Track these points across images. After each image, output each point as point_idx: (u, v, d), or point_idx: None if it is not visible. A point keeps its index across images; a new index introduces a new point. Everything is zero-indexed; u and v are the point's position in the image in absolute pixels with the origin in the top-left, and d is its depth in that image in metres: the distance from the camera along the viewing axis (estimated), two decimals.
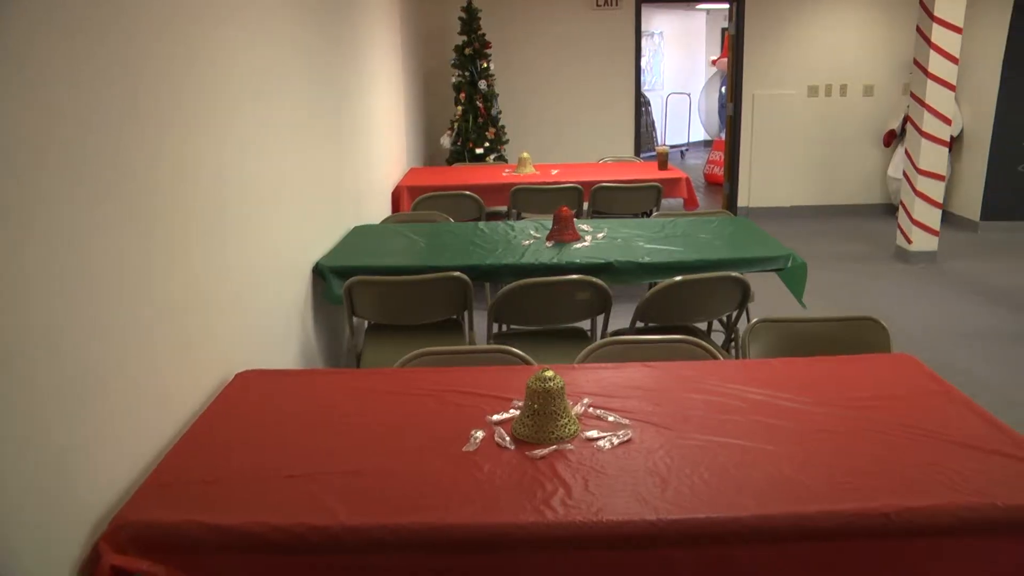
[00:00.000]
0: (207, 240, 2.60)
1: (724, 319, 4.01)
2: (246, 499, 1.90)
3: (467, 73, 7.97)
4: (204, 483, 1.98)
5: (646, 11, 10.54)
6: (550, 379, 2.16)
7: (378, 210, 5.64)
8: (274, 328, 3.31)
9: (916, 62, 7.40)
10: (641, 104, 9.73)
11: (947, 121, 7.37)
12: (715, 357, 2.87)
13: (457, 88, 8.00)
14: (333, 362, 4.22)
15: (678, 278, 3.58)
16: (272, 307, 3.28)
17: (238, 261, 2.87)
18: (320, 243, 4.06)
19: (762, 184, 9.55)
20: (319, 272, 3.88)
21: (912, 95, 7.52)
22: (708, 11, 15.56)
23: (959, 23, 7.08)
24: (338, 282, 3.78)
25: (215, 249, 2.66)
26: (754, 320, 3.05)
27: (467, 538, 1.81)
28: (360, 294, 3.70)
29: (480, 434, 2.19)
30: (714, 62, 14.29)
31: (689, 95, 15.47)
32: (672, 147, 14.96)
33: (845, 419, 2.29)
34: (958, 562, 1.89)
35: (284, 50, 3.50)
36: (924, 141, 7.39)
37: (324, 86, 4.20)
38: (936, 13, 7.05)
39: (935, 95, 7.28)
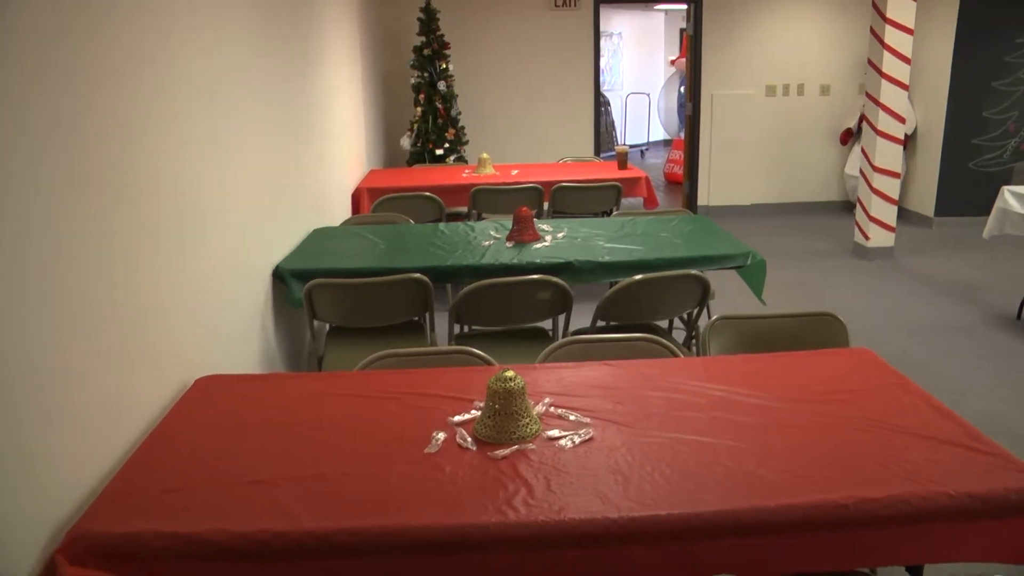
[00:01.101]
0: (166, 245, 2.56)
1: (685, 317, 4.04)
2: (207, 506, 1.88)
3: (426, 74, 7.95)
4: (164, 491, 1.95)
5: (604, 11, 10.57)
6: (511, 379, 2.16)
7: (338, 212, 5.62)
8: (234, 333, 3.28)
9: (870, 62, 7.53)
10: (600, 104, 9.77)
11: (901, 120, 7.50)
12: (675, 354, 2.89)
13: (416, 89, 7.98)
14: (294, 366, 4.19)
15: (638, 277, 3.59)
16: (232, 312, 3.25)
17: (197, 266, 2.84)
18: (280, 246, 4.03)
19: (722, 183, 9.63)
20: (279, 275, 3.85)
21: (867, 94, 7.65)
22: (666, 12, 15.66)
23: (910, 24, 7.24)
24: (298, 285, 3.75)
25: (174, 254, 2.63)
26: (714, 317, 3.07)
27: (430, 540, 1.80)
28: (320, 297, 3.68)
29: (441, 435, 2.19)
30: (673, 62, 14.37)
31: (648, 95, 15.55)
32: (632, 147, 15.03)
33: (804, 413, 2.32)
34: (914, 549, 1.94)
35: (240, 52, 3.47)
36: (879, 139, 7.52)
37: (282, 88, 4.17)
38: (888, 15, 7.19)
39: (889, 94, 7.42)
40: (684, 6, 9.75)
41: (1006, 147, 8.76)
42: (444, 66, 7.97)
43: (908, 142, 8.99)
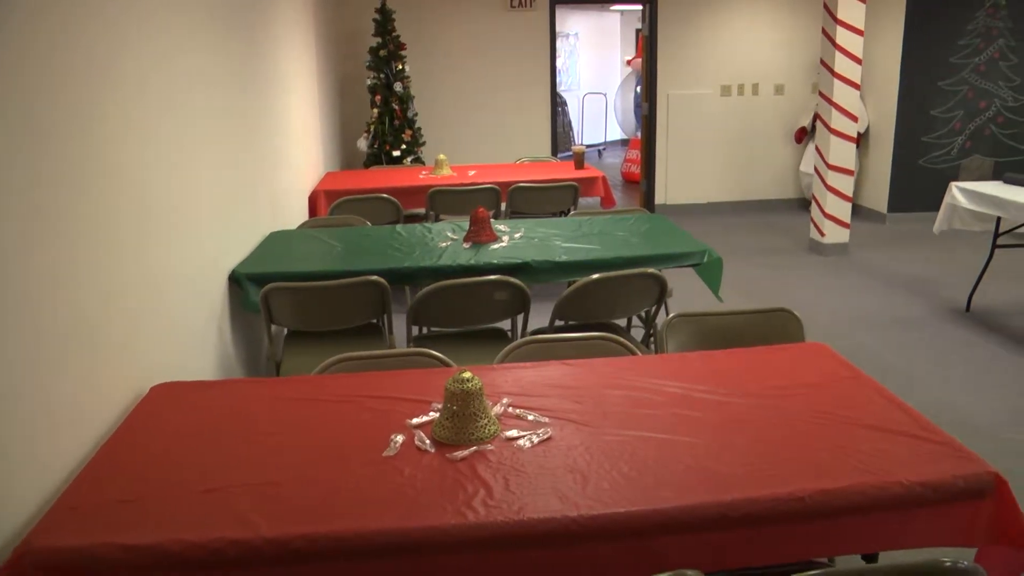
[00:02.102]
0: (119, 250, 2.53)
1: (643, 315, 4.06)
2: (163, 517, 1.85)
3: (382, 75, 7.93)
4: (117, 503, 1.91)
5: (561, 12, 10.61)
6: (468, 380, 2.16)
7: (295, 215, 5.58)
8: (191, 339, 3.24)
9: (823, 62, 7.65)
10: (557, 104, 9.79)
11: (854, 118, 7.63)
12: (633, 353, 2.90)
13: (372, 90, 7.95)
14: (252, 371, 4.16)
15: (595, 276, 3.61)
16: (188, 317, 3.21)
17: (151, 271, 2.80)
18: (236, 250, 3.99)
19: (679, 181, 9.70)
20: (235, 280, 3.81)
21: (820, 94, 7.76)
22: (622, 12, 15.73)
23: (860, 26, 7.39)
24: (255, 289, 3.72)
25: (127, 259, 2.59)
26: (671, 315, 3.10)
27: (389, 543, 1.79)
28: (277, 301, 3.65)
29: (400, 438, 2.18)
30: (629, 62, 14.45)
31: (605, 95, 15.62)
32: (589, 146, 15.09)
33: (760, 408, 2.35)
34: (870, 538, 1.97)
35: (192, 52, 3.43)
36: (833, 138, 7.64)
37: (237, 90, 4.13)
38: (839, 16, 7.33)
39: (842, 94, 7.54)
40: (639, 7, 9.80)
41: (953, 144, 8.96)
42: (400, 67, 7.95)
43: (861, 140, 9.16)
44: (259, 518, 1.83)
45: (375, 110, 7.93)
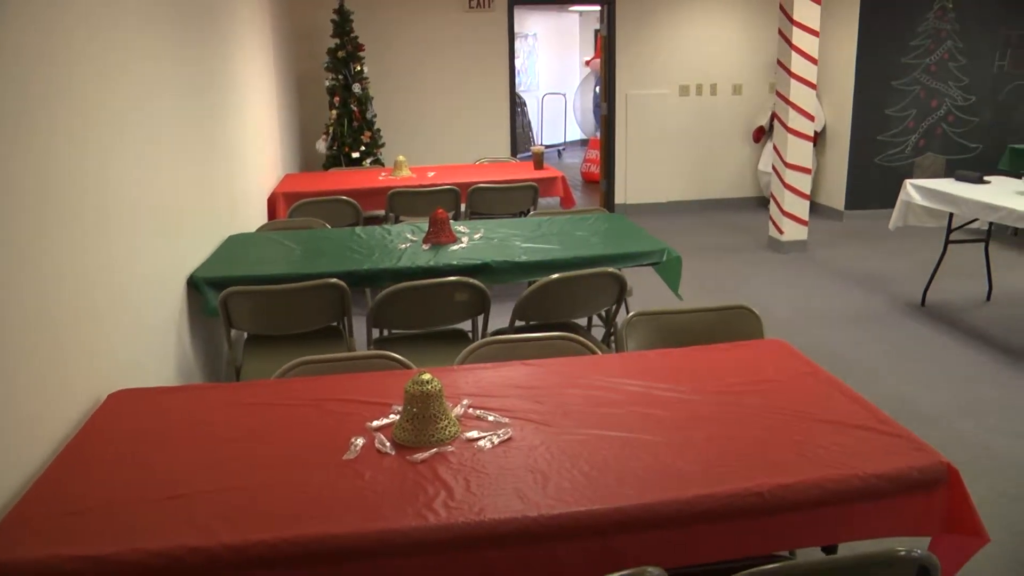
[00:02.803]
0: (76, 255, 2.49)
1: (603, 314, 4.08)
2: (121, 526, 1.82)
3: (341, 76, 7.89)
4: (73, 514, 1.88)
5: (519, 13, 10.62)
6: (427, 382, 2.16)
7: (254, 218, 5.53)
8: (149, 345, 3.20)
9: (780, 63, 7.74)
10: (516, 105, 9.80)
11: (810, 117, 7.73)
12: (593, 352, 2.91)
13: (331, 91, 7.91)
14: (213, 377, 4.11)
15: (555, 276, 3.62)
16: (146, 323, 3.17)
17: (108, 276, 2.76)
18: (194, 254, 3.95)
19: (638, 181, 9.75)
20: (194, 284, 3.77)
21: (778, 93, 7.85)
22: (581, 13, 15.78)
23: (816, 27, 7.50)
24: (213, 294, 3.68)
25: (84, 264, 2.55)
26: (631, 314, 3.11)
27: (351, 547, 1.78)
28: (236, 305, 3.62)
29: (360, 441, 2.18)
30: (588, 63, 14.50)
31: (564, 95, 15.66)
32: (549, 147, 15.13)
33: (720, 405, 2.37)
34: (829, 530, 2.01)
35: (149, 55, 3.38)
36: (790, 137, 7.73)
37: (194, 92, 4.08)
38: (795, 17, 7.43)
39: (798, 93, 7.64)
40: (598, 7, 9.84)
41: (907, 143, 9.12)
42: (359, 68, 7.92)
43: (818, 139, 9.30)
44: (219, 525, 1.81)
45: (334, 112, 7.89)
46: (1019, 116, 9.24)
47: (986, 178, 5.91)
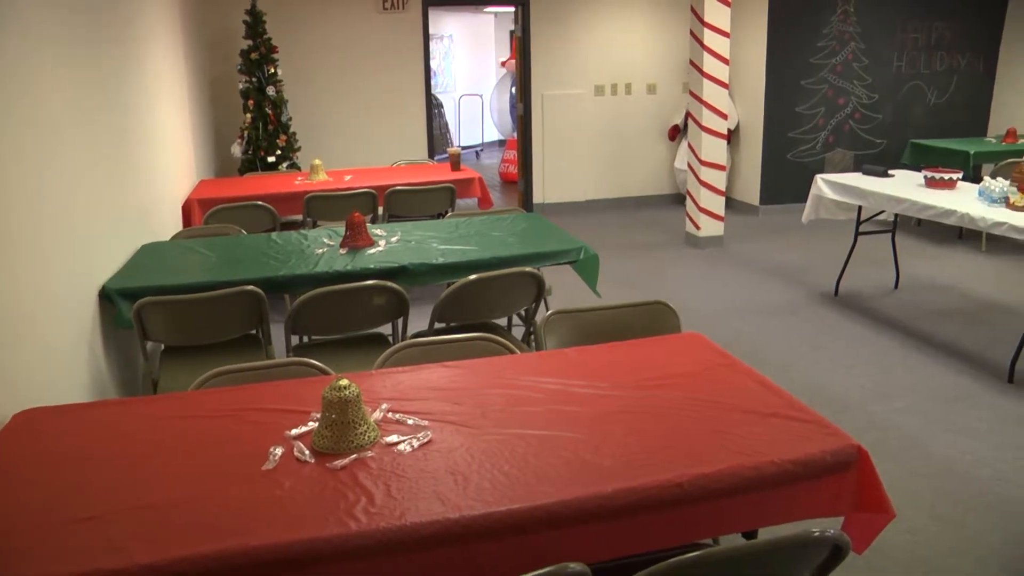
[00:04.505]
0: None
1: (523, 313, 4.10)
2: (29, 551, 1.75)
3: (254, 79, 7.77)
4: None
5: (435, 14, 10.60)
6: (345, 388, 2.14)
7: (168, 226, 5.41)
8: (59, 361, 3.10)
9: (692, 63, 7.89)
10: (433, 106, 9.79)
11: (723, 116, 7.90)
12: (512, 352, 2.93)
13: (245, 95, 7.79)
14: (128, 391, 4.00)
15: (472, 277, 3.63)
16: (56, 338, 3.07)
17: (15, 290, 2.68)
18: (106, 265, 3.84)
19: (556, 180, 9.82)
20: (106, 295, 3.68)
21: (691, 93, 8.00)
22: (496, 14, 15.83)
23: (727, 28, 7.68)
24: (127, 305, 3.59)
25: None
26: (549, 312, 3.13)
27: (272, 559, 1.76)
28: (151, 316, 3.54)
29: (279, 451, 2.15)
30: (503, 64, 14.55)
31: (481, 96, 15.68)
32: (467, 148, 15.14)
33: (638, 399, 2.41)
34: (748, 516, 2.08)
35: (51, 57, 3.28)
36: (704, 135, 7.88)
37: (100, 96, 3.94)
38: (706, 19, 7.59)
39: (711, 93, 7.80)
40: (512, 8, 9.88)
41: (817, 139, 9.41)
42: (273, 71, 7.80)
43: (732, 136, 9.52)
44: (135, 544, 1.76)
45: (248, 115, 7.77)
46: (917, 113, 9.68)
47: (891, 172, 6.13)
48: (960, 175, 5.62)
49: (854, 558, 2.79)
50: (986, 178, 5.15)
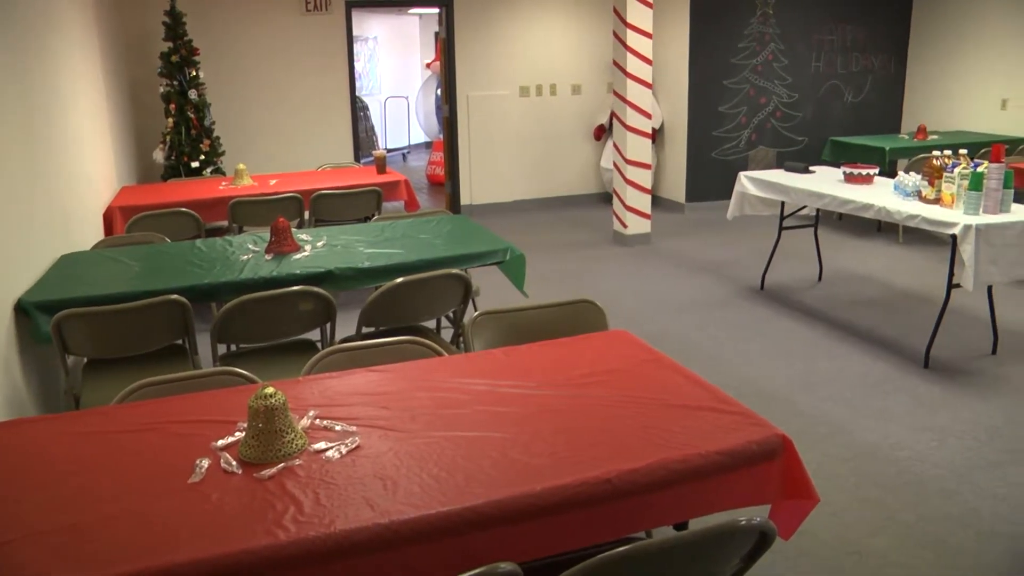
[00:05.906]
0: None
1: (451, 315, 4.11)
2: None
3: (176, 82, 7.62)
4: None
5: (359, 16, 10.54)
6: (271, 396, 2.13)
7: (88, 235, 5.27)
8: None
9: (616, 63, 7.98)
10: (358, 109, 9.73)
11: (648, 115, 8.00)
12: (440, 354, 2.93)
13: (166, 98, 7.63)
14: (49, 408, 3.88)
15: (399, 280, 3.63)
16: None
17: None
18: (22, 277, 3.73)
19: (483, 181, 9.83)
20: (22, 309, 3.58)
21: (615, 93, 8.08)
22: (421, 16, 15.77)
23: (649, 29, 7.78)
24: (45, 318, 3.50)
25: None
26: (475, 314, 3.14)
27: (201, 574, 1.73)
28: (71, 329, 3.45)
29: (206, 463, 2.12)
30: (428, 65, 14.52)
31: (407, 98, 15.61)
32: (393, 150, 15.06)
33: (565, 397, 2.44)
34: (678, 508, 2.12)
35: None
36: (629, 134, 7.97)
37: (11, 99, 3.83)
38: (628, 20, 7.68)
39: (635, 93, 7.90)
40: (436, 10, 9.86)
41: (740, 138, 9.59)
42: (194, 73, 7.67)
43: (657, 136, 9.65)
44: (55, 568, 1.70)
45: (170, 119, 7.62)
46: (836, 111, 9.97)
47: (812, 168, 6.28)
48: (877, 170, 5.79)
49: (784, 542, 2.86)
50: (900, 173, 5.32)
